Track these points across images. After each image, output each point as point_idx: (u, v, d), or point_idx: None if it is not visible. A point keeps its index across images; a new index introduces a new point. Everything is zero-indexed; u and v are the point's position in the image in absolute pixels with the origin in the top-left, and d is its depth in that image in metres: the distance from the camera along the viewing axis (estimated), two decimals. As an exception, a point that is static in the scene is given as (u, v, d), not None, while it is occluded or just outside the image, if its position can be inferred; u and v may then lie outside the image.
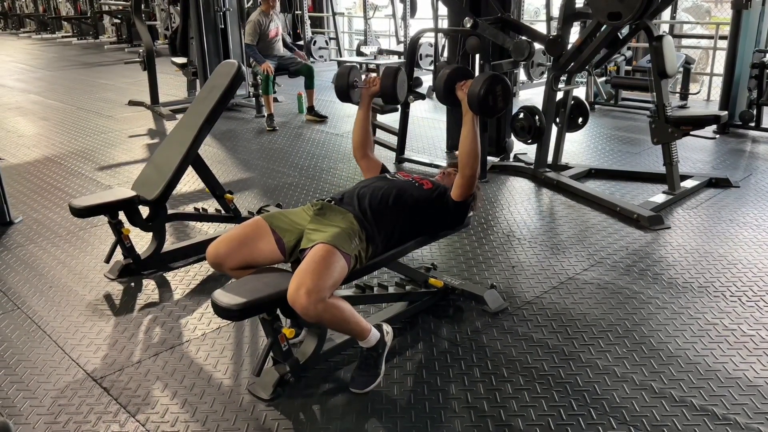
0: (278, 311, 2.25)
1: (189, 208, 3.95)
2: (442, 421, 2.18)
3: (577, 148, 5.69)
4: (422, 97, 5.12)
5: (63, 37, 18.66)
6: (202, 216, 3.68)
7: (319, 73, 10.41)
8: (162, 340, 2.72)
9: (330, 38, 11.22)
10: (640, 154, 5.41)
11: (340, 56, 11.06)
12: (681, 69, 7.06)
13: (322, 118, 6.92)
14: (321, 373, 2.44)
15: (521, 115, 4.67)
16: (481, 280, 3.19)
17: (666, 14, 8.06)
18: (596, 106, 7.27)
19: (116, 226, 3.25)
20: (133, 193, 3.29)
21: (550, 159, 4.90)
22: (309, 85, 6.90)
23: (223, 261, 2.35)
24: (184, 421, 2.20)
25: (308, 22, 10.62)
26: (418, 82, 5.14)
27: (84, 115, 7.54)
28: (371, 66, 8.58)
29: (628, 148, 5.66)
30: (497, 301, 2.90)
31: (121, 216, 3.28)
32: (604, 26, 4.07)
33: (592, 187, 4.52)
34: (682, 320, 2.77)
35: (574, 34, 5.03)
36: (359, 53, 9.87)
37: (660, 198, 4.18)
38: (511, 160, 5.28)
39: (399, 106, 5.18)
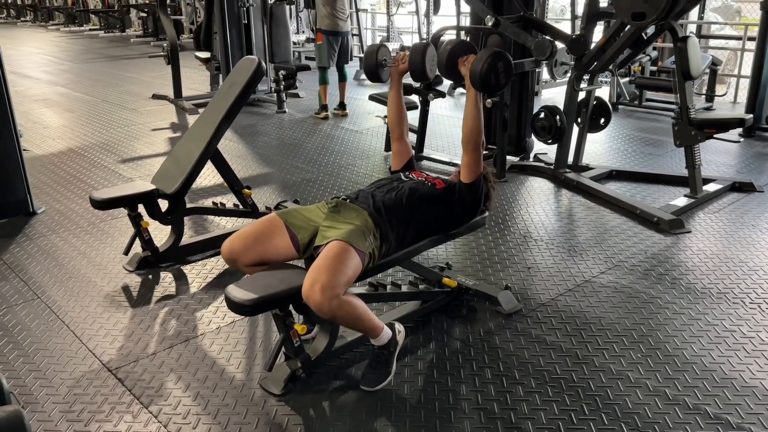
0: (291, 307, 2.27)
1: (208, 203, 3.99)
2: (451, 421, 2.17)
3: (600, 148, 5.63)
4: (442, 95, 5.10)
5: (90, 30, 18.90)
6: (220, 210, 3.71)
7: (342, 69, 10.45)
8: (177, 332, 2.75)
9: (353, 35, 11.20)
10: (663, 156, 5.34)
11: (362, 53, 11.06)
12: (707, 70, 6.95)
13: (344, 112, 6.98)
14: (332, 369, 2.45)
15: (542, 115, 4.63)
16: (496, 280, 3.17)
17: (693, 14, 7.93)
18: (620, 106, 7.19)
19: (135, 219, 3.29)
20: (152, 187, 3.33)
21: (570, 160, 4.86)
22: (342, 78, 6.95)
23: (238, 257, 2.37)
24: (195, 413, 2.22)
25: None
26: (439, 80, 5.11)
27: (108, 108, 7.64)
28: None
29: (651, 149, 5.59)
30: (511, 302, 2.89)
31: (141, 209, 3.33)
32: (628, 26, 4.01)
33: (612, 189, 4.47)
34: (699, 326, 2.73)
35: (598, 33, 4.97)
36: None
37: (681, 201, 4.12)
38: (531, 160, 5.24)
39: (418, 104, 5.17)
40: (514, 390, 2.33)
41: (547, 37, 4.24)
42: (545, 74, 8.01)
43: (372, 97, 5.50)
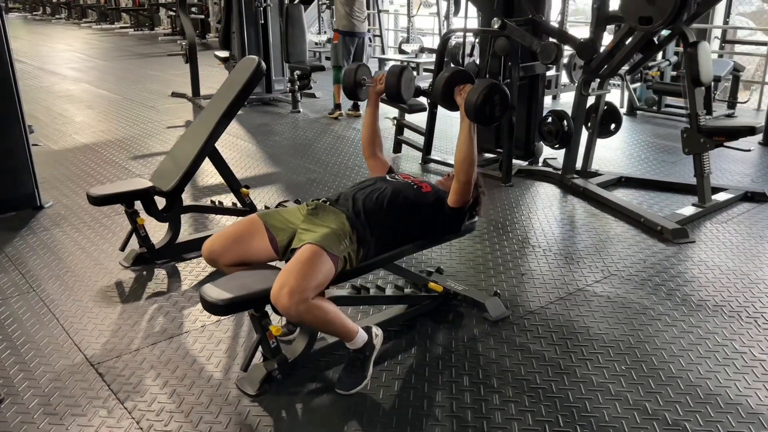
0: (270, 308, 2.26)
1: (208, 201, 4.01)
2: (422, 428, 2.15)
3: (612, 154, 5.53)
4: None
5: (121, 28, 19.25)
6: (217, 209, 3.74)
7: (361, 69, 10.46)
8: (163, 329, 2.77)
9: (374, 35, 11.22)
10: (677, 164, 5.22)
11: (384, 53, 11.07)
12: (729, 76, 6.80)
13: (357, 113, 6.99)
14: (310, 372, 2.44)
15: (549, 119, 4.58)
16: (488, 286, 3.13)
17: (718, 18, 7.76)
18: (638, 112, 7.07)
19: (132, 216, 3.33)
20: (149, 184, 3.37)
21: (579, 165, 4.79)
22: None
23: (218, 258, 2.38)
24: (169, 411, 2.23)
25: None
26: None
27: (128, 105, 7.76)
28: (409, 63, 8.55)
29: (665, 156, 5.48)
30: (498, 309, 2.85)
31: (140, 206, 3.37)
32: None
33: (619, 196, 4.39)
34: (690, 339, 2.66)
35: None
36: (401, 51, 9.84)
37: (688, 210, 4.02)
38: (540, 164, 5.18)
39: (426, 106, 5.14)
40: (490, 398, 2.30)
41: (553, 41, 4.18)
42: (564, 78, 7.92)
43: (381, 99, 5.47)
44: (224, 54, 8.05)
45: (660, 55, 6.89)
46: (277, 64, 7.76)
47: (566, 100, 7.79)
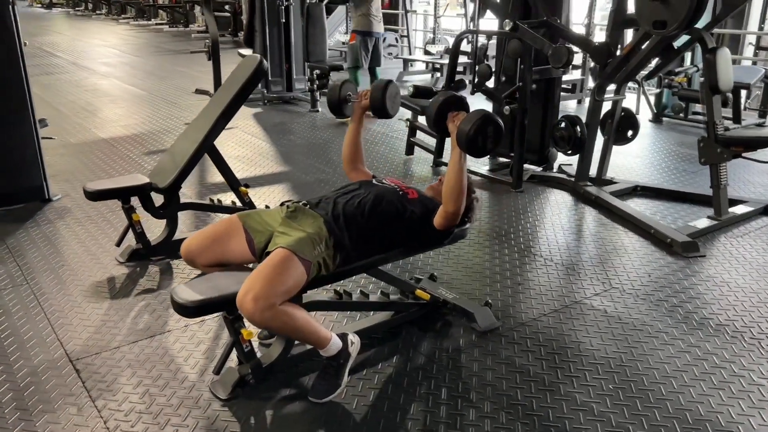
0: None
1: (213, 199, 4.00)
2: (392, 441, 2.09)
3: (632, 162, 5.37)
4: (463, 100, 4.96)
5: (156, 24, 19.54)
6: (215, 207, 3.72)
7: (385, 70, 10.40)
8: (147, 327, 2.76)
9: (401, 36, 11.16)
10: (698, 174, 5.04)
11: (410, 54, 11.00)
12: (761, 84, 6.56)
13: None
14: (285, 377, 2.39)
15: (562, 125, 4.45)
16: (481, 295, 3.04)
17: (753, 24, 7.50)
18: (664, 119, 6.87)
19: (128, 212, 3.33)
20: (145, 180, 3.36)
21: (594, 172, 4.65)
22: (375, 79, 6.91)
23: (195, 258, 2.35)
24: (138, 411, 2.21)
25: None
26: (462, 85, 4.99)
27: (152, 101, 7.85)
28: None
29: (686, 165, 5.29)
30: (488, 319, 2.76)
31: (137, 202, 3.37)
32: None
33: (632, 205, 4.24)
34: (686, 359, 2.54)
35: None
36: (426, 52, 9.75)
37: (702, 223, 3.87)
38: (554, 170, 5.05)
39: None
40: (466, 413, 2.21)
41: (565, 45, 4.05)
42: (591, 82, 7.75)
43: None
44: (248, 52, 8.08)
45: (688, 60, 6.69)
46: (299, 63, 7.75)
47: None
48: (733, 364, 2.51)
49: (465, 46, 9.57)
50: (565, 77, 7.81)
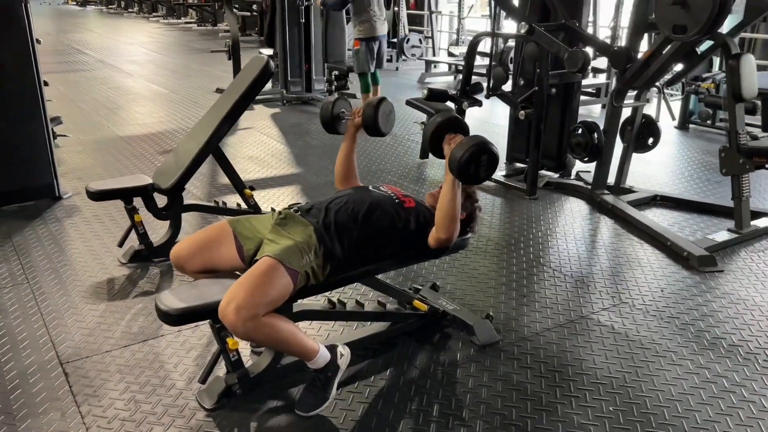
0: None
1: (220, 201, 3.97)
2: (376, 460, 2.01)
3: (654, 170, 5.20)
4: (479, 103, 4.87)
5: (186, 23, 19.73)
6: (219, 209, 3.69)
7: (407, 71, 10.35)
8: (140, 331, 2.72)
9: (425, 37, 11.06)
10: (722, 184, 4.85)
11: (434, 55, 10.90)
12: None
13: None
14: (273, 388, 2.33)
15: (579, 131, 4.32)
16: (485, 307, 2.95)
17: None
18: (690, 126, 6.67)
19: (130, 212, 3.31)
20: (148, 181, 3.34)
21: (612, 181, 4.52)
22: (375, 81, 6.81)
23: (184, 264, 2.30)
24: (122, 419, 2.17)
25: (404, 19, 10.52)
26: (479, 88, 4.88)
27: (173, 99, 7.89)
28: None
29: (710, 175, 5.11)
30: (488, 333, 2.67)
31: (140, 203, 3.35)
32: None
33: (650, 216, 4.10)
34: (693, 381, 2.41)
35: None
36: (449, 54, 9.64)
37: (722, 236, 3.71)
38: (572, 177, 4.92)
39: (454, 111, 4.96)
40: (457, 432, 2.13)
41: (581, 49, 3.93)
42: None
43: (409, 103, 5.34)
44: (269, 51, 8.08)
45: (717, 66, 6.48)
46: (318, 64, 7.71)
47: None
48: (744, 387, 2.38)
49: (486, 49, 9.46)
50: (589, 81, 7.66)
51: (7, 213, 4.01)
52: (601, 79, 7.67)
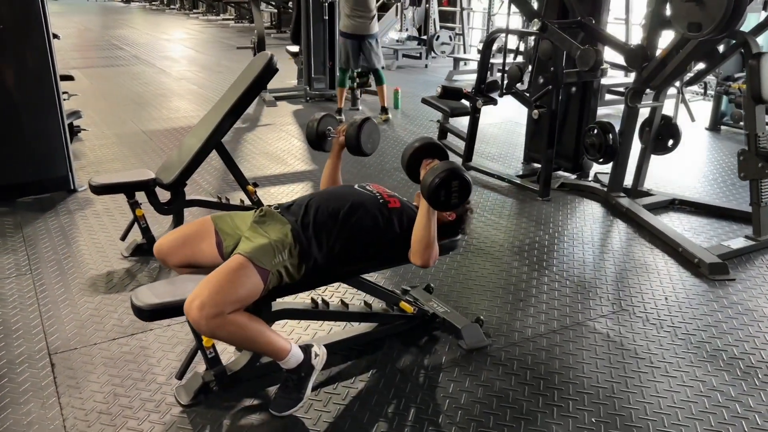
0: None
1: (224, 198, 3.99)
2: (344, 463, 1.98)
3: (676, 172, 5.03)
4: (494, 101, 4.79)
5: (224, 19, 19.99)
6: (222, 205, 3.70)
7: (435, 69, 10.27)
8: (130, 324, 2.75)
9: (456, 34, 10.96)
10: (745, 187, 4.65)
11: (465, 52, 10.79)
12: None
13: (385, 116, 6.73)
14: (251, 386, 2.32)
15: (594, 131, 4.21)
16: (478, 310, 2.89)
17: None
18: (722, 127, 6.44)
19: (133, 206, 3.35)
20: (151, 176, 3.37)
21: (629, 183, 4.39)
22: (379, 81, 6.74)
23: (166, 258, 2.31)
24: (98, 411, 2.19)
25: (434, 16, 10.44)
26: (495, 86, 4.80)
27: (199, 95, 7.98)
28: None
29: (736, 178, 4.89)
30: (476, 337, 2.61)
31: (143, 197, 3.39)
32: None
33: (666, 220, 3.97)
34: (686, 394, 2.32)
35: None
36: (479, 51, 9.51)
37: (738, 243, 3.56)
38: (590, 178, 4.80)
39: (469, 110, 4.89)
40: (430, 438, 2.09)
41: (593, 47, 3.81)
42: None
43: (424, 101, 5.29)
44: (295, 48, 8.10)
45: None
46: (342, 61, 7.69)
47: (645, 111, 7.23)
48: (739, 403, 2.28)
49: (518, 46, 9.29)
50: (614, 80, 7.47)
51: (23, 205, 4.10)
52: (633, 77, 7.47)
